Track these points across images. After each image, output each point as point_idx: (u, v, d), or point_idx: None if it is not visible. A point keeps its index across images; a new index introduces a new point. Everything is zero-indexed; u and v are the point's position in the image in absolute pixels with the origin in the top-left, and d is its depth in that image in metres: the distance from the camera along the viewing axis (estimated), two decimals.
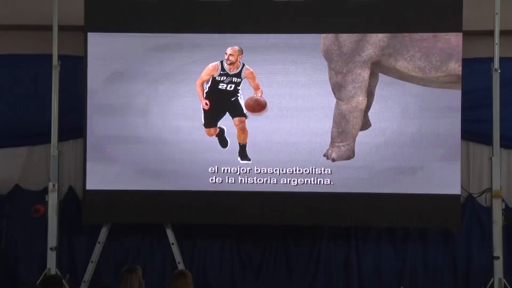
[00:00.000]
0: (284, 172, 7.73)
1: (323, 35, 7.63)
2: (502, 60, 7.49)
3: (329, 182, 7.59)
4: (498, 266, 7.27)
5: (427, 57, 7.42)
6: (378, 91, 7.56)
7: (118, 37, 7.89)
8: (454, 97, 7.46)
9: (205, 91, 7.64)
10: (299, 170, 7.68)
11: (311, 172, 7.66)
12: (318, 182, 7.65)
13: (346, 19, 7.80)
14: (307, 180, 7.67)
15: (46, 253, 7.67)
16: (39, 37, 8.23)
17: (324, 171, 7.60)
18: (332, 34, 7.63)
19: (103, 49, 7.86)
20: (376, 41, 7.48)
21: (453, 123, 7.49)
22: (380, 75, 7.57)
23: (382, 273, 8.12)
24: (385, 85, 7.58)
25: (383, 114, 7.59)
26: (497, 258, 7.29)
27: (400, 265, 8.11)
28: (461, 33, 7.45)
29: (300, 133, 7.70)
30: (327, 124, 7.61)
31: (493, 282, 7.31)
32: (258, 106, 7.66)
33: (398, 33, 7.60)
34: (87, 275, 7.82)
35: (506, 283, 7.40)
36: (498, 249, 7.28)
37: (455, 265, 8.07)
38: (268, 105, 7.75)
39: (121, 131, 7.86)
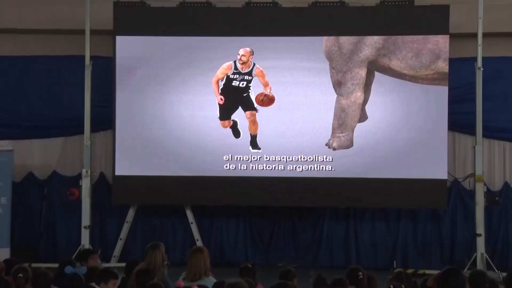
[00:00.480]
0: (291, 159, 8.28)
1: (325, 37, 8.18)
2: (484, 59, 8.07)
3: (330, 169, 8.18)
4: (480, 242, 7.88)
5: (417, 57, 7.97)
6: (374, 87, 8.14)
7: (143, 40, 8.51)
8: (441, 92, 8.03)
9: (220, 88, 8.19)
10: (303, 158, 8.24)
11: (314, 159, 8.23)
12: (321, 169, 8.23)
13: (345, 23, 8.34)
14: (311, 167, 8.24)
15: (81, 231, 8.32)
16: (72, 40, 8.87)
17: (326, 159, 8.19)
18: (333, 37, 8.18)
19: (130, 50, 8.46)
20: (372, 42, 8.03)
21: (441, 115, 8.06)
22: (376, 73, 8.14)
23: (377, 248, 8.78)
24: (380, 82, 8.16)
25: (378, 108, 8.14)
26: (479, 235, 7.89)
27: (393, 241, 8.76)
28: (448, 36, 8.03)
29: (305, 125, 8.21)
30: (329, 117, 8.15)
31: (475, 256, 7.90)
32: (267, 100, 8.18)
33: (392, 36, 8.15)
34: (117, 251, 8.45)
35: (487, 257, 7.97)
36: (480, 227, 7.89)
37: (441, 241, 8.70)
38: (276, 100, 8.29)
39: (146, 124, 8.44)
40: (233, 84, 8.22)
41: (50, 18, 8.88)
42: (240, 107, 8.28)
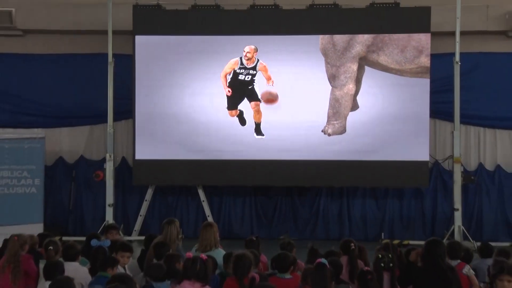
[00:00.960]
0: (291, 144, 8.81)
1: (321, 36, 8.76)
2: (461, 54, 8.62)
3: (326, 152, 8.79)
4: (458, 216, 8.54)
5: (402, 53, 8.57)
6: (364, 80, 8.75)
7: (159, 39, 9.02)
8: (424, 84, 8.62)
9: (227, 81, 8.78)
10: (302, 143, 8.82)
11: (312, 144, 8.79)
12: (317, 152, 8.82)
13: (338, 23, 8.86)
14: (308, 151, 8.80)
15: (105, 209, 8.92)
16: (96, 40, 9.38)
17: (322, 144, 8.79)
18: (328, 35, 8.74)
19: (148, 48, 9.00)
20: (363, 40, 8.63)
21: (423, 104, 8.64)
22: (366, 67, 8.74)
23: (367, 222, 9.38)
24: (370, 75, 8.74)
25: (368, 98, 8.73)
26: (457, 210, 8.54)
27: (381, 215, 9.36)
28: (430, 34, 8.60)
29: (303, 114, 8.78)
30: (324, 106, 8.73)
31: (453, 229, 8.54)
32: (271, 99, 8.76)
33: (380, 34, 8.69)
34: (137, 226, 9.08)
35: (464, 229, 8.60)
36: (457, 203, 8.54)
37: (424, 216, 9.32)
38: (278, 92, 8.86)
39: (162, 114, 8.98)
40: (239, 77, 8.79)
41: (76, 20, 9.37)
42: (245, 98, 8.83)
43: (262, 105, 8.85)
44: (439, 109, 9.13)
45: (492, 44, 9.48)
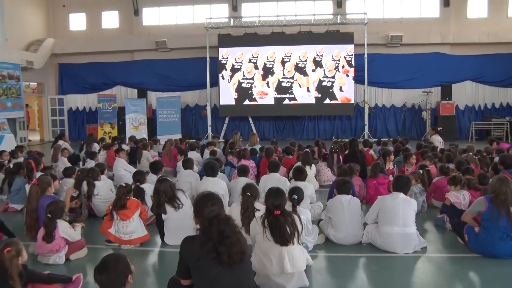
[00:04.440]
0: (293, 98, 17.22)
1: (310, 46, 16.53)
2: (368, 54, 16.13)
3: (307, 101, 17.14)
4: (366, 129, 16.65)
5: (341, 52, 16.76)
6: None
7: (231, 49, 16.94)
8: (351, 69, 16.72)
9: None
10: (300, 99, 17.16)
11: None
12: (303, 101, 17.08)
13: (308, 41, 16.52)
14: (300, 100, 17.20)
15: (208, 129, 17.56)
16: (198, 51, 17.31)
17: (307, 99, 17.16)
18: (309, 45, 16.69)
19: (226, 55, 16.96)
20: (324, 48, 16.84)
21: (350, 79, 16.84)
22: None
23: (326, 131, 17.45)
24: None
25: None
26: (366, 125, 16.84)
27: (332, 128, 17.56)
28: (353, 44, 16.32)
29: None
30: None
31: (364, 134, 16.69)
32: None
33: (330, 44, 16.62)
34: (221, 134, 17.60)
35: (369, 134, 16.68)
36: (366, 123, 16.90)
37: (352, 129, 17.48)
38: (281, 79, 16.65)
39: (233, 93, 17.12)
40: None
41: (192, 42, 17.28)
42: None
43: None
44: (358, 79, 16.76)
45: (381, 49, 17.12)
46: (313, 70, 16.89)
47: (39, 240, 4.57)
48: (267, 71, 17.07)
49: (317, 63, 16.83)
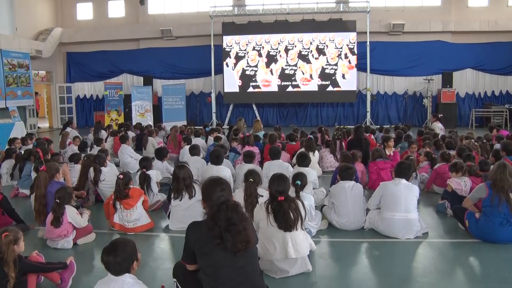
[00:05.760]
0: (296, 84, 17.11)
1: (313, 34, 16.44)
2: (370, 42, 16.04)
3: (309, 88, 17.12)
4: (368, 115, 16.69)
5: (343, 40, 16.63)
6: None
7: (235, 37, 16.80)
8: (353, 57, 16.60)
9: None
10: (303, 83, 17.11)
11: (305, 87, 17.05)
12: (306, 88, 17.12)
13: (313, 27, 16.48)
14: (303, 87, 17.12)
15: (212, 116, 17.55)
16: (205, 39, 17.22)
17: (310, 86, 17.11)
18: (312, 33, 16.52)
19: (230, 43, 16.84)
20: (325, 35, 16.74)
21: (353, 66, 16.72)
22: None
23: (329, 118, 17.50)
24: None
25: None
26: (368, 112, 16.80)
27: (334, 115, 17.46)
28: (356, 32, 16.20)
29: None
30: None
31: (366, 121, 16.76)
32: None
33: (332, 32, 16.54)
34: (226, 121, 17.57)
35: (371, 121, 16.75)
36: (368, 110, 16.88)
37: (354, 115, 17.43)
38: (284, 67, 16.51)
39: (237, 80, 17.06)
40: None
41: (197, 30, 17.18)
42: None
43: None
44: (360, 67, 16.69)
45: (383, 37, 16.94)
46: (316, 58, 16.71)
47: (47, 225, 4.55)
48: (271, 59, 16.96)
49: (320, 51, 16.65)
